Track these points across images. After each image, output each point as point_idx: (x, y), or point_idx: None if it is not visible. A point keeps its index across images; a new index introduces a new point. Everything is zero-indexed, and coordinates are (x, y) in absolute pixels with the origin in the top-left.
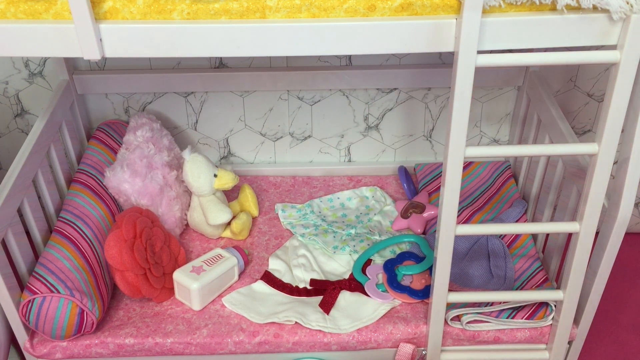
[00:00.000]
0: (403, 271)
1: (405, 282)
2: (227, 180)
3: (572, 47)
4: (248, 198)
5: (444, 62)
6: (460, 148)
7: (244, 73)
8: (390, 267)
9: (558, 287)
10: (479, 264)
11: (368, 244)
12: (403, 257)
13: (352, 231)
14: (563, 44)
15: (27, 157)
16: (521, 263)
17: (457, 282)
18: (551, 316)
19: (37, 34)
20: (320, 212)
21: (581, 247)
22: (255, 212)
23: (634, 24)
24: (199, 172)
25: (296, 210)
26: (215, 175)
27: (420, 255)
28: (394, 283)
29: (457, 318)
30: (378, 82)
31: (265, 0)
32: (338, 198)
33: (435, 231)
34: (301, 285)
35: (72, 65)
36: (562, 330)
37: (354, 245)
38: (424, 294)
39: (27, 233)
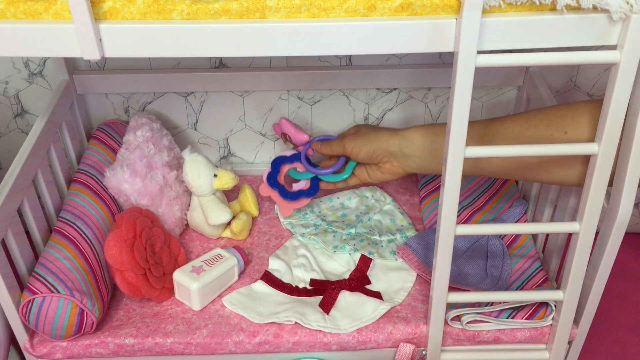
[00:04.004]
0: (291, 173)
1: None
2: (227, 180)
3: (572, 47)
4: (248, 198)
5: (444, 62)
6: (460, 148)
7: (244, 73)
8: (277, 164)
9: (558, 287)
10: (475, 262)
11: (368, 244)
12: (295, 158)
13: (352, 230)
14: (563, 44)
15: (27, 157)
16: (521, 263)
17: (451, 280)
18: (551, 316)
19: (37, 34)
20: (320, 212)
21: (581, 247)
22: (255, 212)
23: (634, 24)
24: (198, 172)
25: (296, 210)
26: (215, 175)
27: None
28: (271, 179)
29: (457, 318)
30: (378, 82)
31: (265, 0)
32: (338, 198)
33: (434, 226)
34: (301, 285)
35: (72, 65)
36: (562, 330)
37: (354, 244)
38: (292, 197)
39: (27, 233)
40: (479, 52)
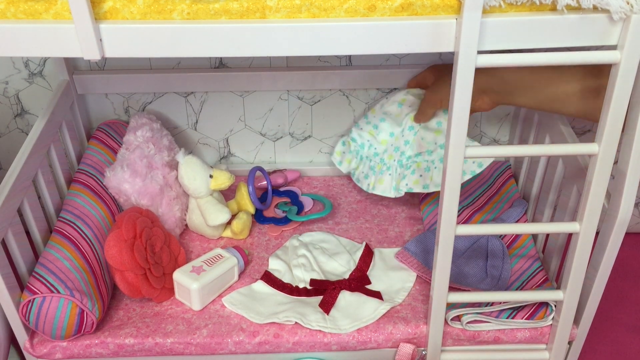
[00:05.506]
0: (283, 207)
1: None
2: (223, 180)
3: (572, 47)
4: (244, 196)
5: (444, 62)
6: (460, 148)
7: (244, 73)
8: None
9: (558, 287)
10: (475, 263)
11: (420, 175)
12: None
13: (403, 159)
14: (563, 44)
15: (27, 157)
16: (521, 263)
17: (451, 280)
18: (551, 316)
19: (37, 34)
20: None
21: (581, 247)
22: (252, 210)
23: (634, 24)
24: (194, 174)
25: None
26: (210, 176)
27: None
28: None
29: (457, 318)
30: (378, 82)
31: (266, 1)
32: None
33: (433, 227)
34: (301, 285)
35: (72, 65)
36: (562, 331)
37: (406, 184)
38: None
39: (27, 233)
40: (479, 52)
